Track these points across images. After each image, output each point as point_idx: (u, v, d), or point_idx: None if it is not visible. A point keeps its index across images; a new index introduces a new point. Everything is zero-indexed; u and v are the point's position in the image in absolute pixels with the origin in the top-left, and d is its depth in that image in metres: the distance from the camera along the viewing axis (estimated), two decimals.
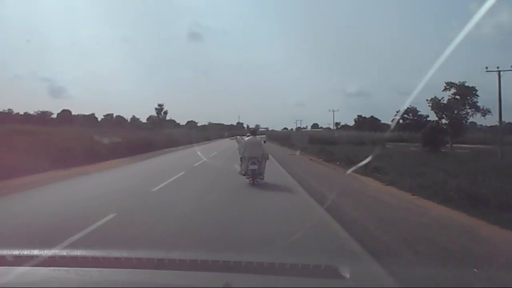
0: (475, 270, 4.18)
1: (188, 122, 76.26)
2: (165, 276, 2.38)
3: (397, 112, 56.50)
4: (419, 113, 57.88)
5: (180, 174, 13.70)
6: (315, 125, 78.12)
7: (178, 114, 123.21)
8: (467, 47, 70.93)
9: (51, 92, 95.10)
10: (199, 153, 20.94)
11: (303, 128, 76.34)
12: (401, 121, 54.63)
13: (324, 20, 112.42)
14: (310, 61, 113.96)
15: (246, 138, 12.47)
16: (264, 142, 13.64)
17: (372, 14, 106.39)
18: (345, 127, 58.56)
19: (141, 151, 25.32)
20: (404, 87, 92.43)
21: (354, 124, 57.03)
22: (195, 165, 17.40)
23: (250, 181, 11.21)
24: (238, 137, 15.17)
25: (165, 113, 67.52)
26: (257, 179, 11.25)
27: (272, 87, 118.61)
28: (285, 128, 79.16)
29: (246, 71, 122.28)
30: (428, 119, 54.20)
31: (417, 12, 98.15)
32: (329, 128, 62.04)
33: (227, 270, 2.64)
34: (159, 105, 67.12)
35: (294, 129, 73.88)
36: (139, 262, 2.89)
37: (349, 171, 13.29)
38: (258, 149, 11.64)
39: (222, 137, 62.13)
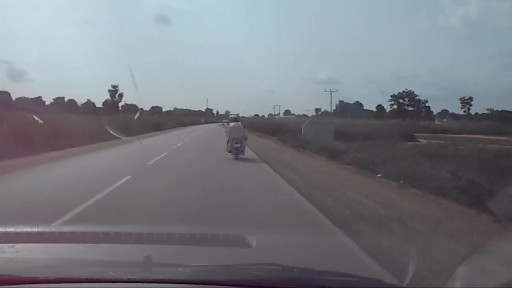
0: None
1: (153, 107, 69.28)
2: (86, 249, 2.42)
3: (391, 96, 51.74)
4: (416, 97, 53.24)
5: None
6: (287, 112, 75.27)
7: (143, 99, 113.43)
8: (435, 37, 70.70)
9: (10, 75, 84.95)
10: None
11: (275, 114, 73.51)
12: (395, 106, 50.53)
13: (296, 7, 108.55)
14: (281, 47, 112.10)
15: (231, 124, 16.47)
16: (244, 127, 16.61)
17: (345, 2, 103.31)
18: (325, 113, 54.35)
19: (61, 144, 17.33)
20: (373, 74, 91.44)
21: (335, 110, 52.84)
22: None
23: (234, 156, 14.90)
24: (225, 123, 21.58)
25: (121, 95, 59.85)
26: (239, 155, 14.97)
27: (242, 73, 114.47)
28: (256, 115, 75.14)
29: (215, 56, 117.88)
30: (427, 104, 51.96)
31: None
32: (305, 115, 57.96)
33: (150, 242, 2.81)
34: (113, 86, 59.24)
35: (266, 116, 70.29)
36: (62, 237, 3.03)
37: None
38: (240, 132, 15.47)
39: (198, 123, 57.83)
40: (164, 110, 71.00)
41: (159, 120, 45.24)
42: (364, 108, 53.48)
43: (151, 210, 6.32)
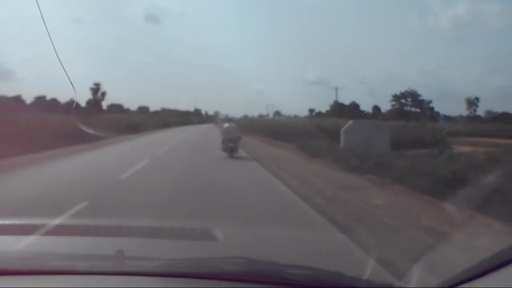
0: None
1: (140, 107, 66.45)
2: (57, 242, 2.70)
3: (393, 96, 48.20)
4: (420, 97, 49.54)
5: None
6: (277, 113, 72.30)
7: (130, 99, 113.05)
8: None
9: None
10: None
11: (266, 115, 70.38)
12: (396, 107, 47.34)
13: (287, 7, 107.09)
14: (270, 48, 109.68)
15: (226, 124, 17.11)
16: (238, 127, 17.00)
17: (333, 4, 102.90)
18: (319, 114, 51.97)
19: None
20: (362, 76, 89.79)
21: (329, 111, 50.57)
22: None
23: (228, 154, 15.57)
24: (220, 124, 22.33)
25: (103, 94, 55.46)
26: (234, 154, 15.64)
27: (231, 73, 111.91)
28: (246, 115, 73.73)
29: (204, 56, 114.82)
30: (431, 105, 49.20)
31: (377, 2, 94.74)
32: (296, 116, 55.31)
33: (120, 235, 3.07)
34: (95, 84, 54.31)
35: (255, 116, 67.94)
36: (34, 230, 3.13)
37: None
38: (234, 132, 16.21)
39: (187, 123, 54.89)
40: (152, 110, 68.15)
41: (136, 121, 39.71)
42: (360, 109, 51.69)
43: None
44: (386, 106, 55.32)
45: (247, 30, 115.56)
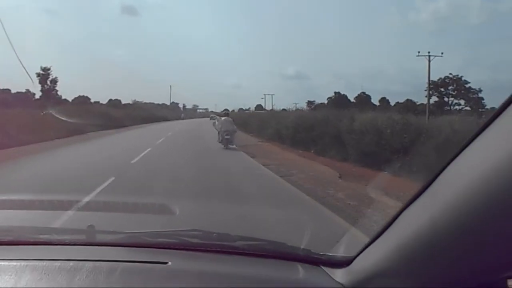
0: None
1: (110, 100, 59.37)
2: (34, 217, 3.29)
3: (431, 84, 37.22)
4: (467, 85, 38.27)
5: None
6: (259, 107, 69.54)
7: (101, 92, 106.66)
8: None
9: None
10: None
11: (246, 109, 68.19)
12: (436, 98, 37.61)
13: (263, 3, 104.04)
14: (248, 42, 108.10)
15: (223, 118, 19.01)
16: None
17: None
18: (319, 105, 46.39)
19: None
20: (340, 71, 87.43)
21: (328, 103, 45.68)
22: None
23: (224, 146, 17.06)
24: (217, 117, 27.04)
25: (54, 82, 46.97)
26: (229, 145, 17.11)
27: (209, 67, 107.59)
28: (226, 109, 70.24)
29: (181, 49, 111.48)
30: (480, 94, 38.03)
31: None
32: (284, 110, 49.58)
33: (88, 210, 4.44)
34: (44, 69, 45.46)
35: (236, 111, 63.92)
36: (12, 204, 3.89)
37: None
38: (230, 125, 17.86)
39: (162, 119, 48.78)
40: (124, 103, 61.29)
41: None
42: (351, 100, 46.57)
43: None
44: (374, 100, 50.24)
45: (225, 24, 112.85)
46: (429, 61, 33.07)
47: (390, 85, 78.49)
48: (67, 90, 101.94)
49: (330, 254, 1.49)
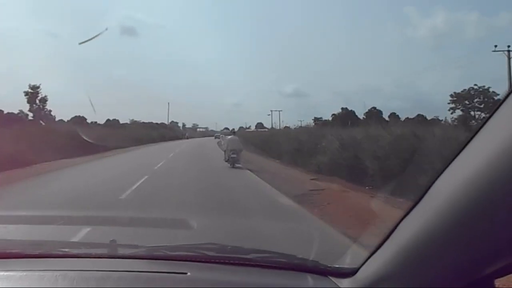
0: None
1: (108, 120, 57.26)
2: (60, 231, 4.16)
3: (452, 97, 35.35)
4: (496, 97, 34.90)
5: None
6: (259, 125, 69.32)
7: (101, 112, 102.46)
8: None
9: None
10: None
11: (247, 128, 68.07)
12: (460, 112, 33.87)
13: (261, 22, 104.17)
14: (247, 61, 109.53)
15: (229, 137, 18.94)
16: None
17: (308, 17, 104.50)
18: (325, 122, 44.34)
19: None
20: (339, 87, 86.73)
21: (333, 119, 43.66)
22: None
23: (230, 165, 16.69)
24: (222, 135, 29.13)
25: (43, 100, 44.62)
26: (236, 164, 16.67)
27: (208, 86, 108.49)
28: (226, 128, 69.75)
29: (180, 69, 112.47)
30: None
31: (352, 13, 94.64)
32: (287, 127, 47.06)
33: (110, 224, 4.61)
34: (32, 87, 43.04)
35: (236, 129, 62.48)
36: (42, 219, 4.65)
37: None
38: (237, 144, 17.44)
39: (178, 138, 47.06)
40: (122, 122, 59.22)
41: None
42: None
43: None
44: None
45: (224, 44, 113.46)
46: (509, 57, 27.55)
47: (390, 102, 77.80)
48: (64, 111, 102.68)
49: (337, 266, 1.53)
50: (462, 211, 0.84)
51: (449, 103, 34.04)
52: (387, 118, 42.80)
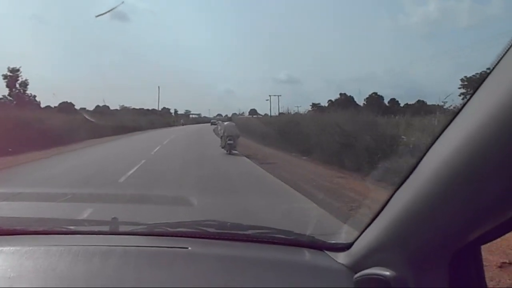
0: None
1: (97, 106, 55.10)
2: (64, 207, 4.27)
3: (463, 80, 31.85)
4: None
5: None
6: (253, 111, 67.10)
7: (89, 99, 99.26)
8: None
9: None
10: None
11: (240, 114, 63.87)
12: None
13: (256, 6, 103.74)
14: (240, 47, 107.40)
15: (226, 123, 18.12)
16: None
17: (302, 4, 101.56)
18: (321, 108, 41.61)
19: None
20: (332, 75, 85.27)
21: (330, 105, 41.97)
22: None
23: (227, 151, 16.38)
24: (219, 121, 25.82)
25: (24, 84, 41.20)
26: (233, 150, 16.34)
27: (200, 72, 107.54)
28: (219, 114, 68.11)
29: (171, 55, 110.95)
30: None
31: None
32: (282, 114, 44.05)
33: (112, 202, 4.88)
34: (12, 70, 39.64)
35: (229, 115, 61.06)
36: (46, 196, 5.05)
37: None
38: (234, 130, 17.03)
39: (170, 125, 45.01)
40: (112, 108, 56.94)
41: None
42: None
43: None
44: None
45: (217, 30, 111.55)
46: None
47: (383, 89, 76.89)
48: (51, 97, 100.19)
49: (333, 241, 1.59)
50: (448, 183, 0.90)
51: (459, 88, 32.40)
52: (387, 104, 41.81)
